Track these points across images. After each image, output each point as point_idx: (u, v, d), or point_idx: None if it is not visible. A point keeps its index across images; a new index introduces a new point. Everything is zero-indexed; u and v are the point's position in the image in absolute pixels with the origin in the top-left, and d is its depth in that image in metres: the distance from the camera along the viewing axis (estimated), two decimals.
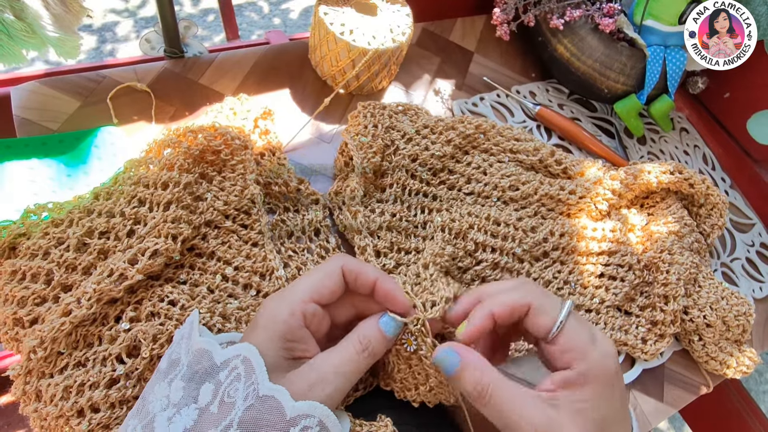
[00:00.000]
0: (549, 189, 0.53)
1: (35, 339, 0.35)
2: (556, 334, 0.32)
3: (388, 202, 0.50)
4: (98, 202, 0.42)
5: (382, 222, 0.48)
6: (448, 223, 0.48)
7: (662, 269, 0.52)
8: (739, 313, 0.52)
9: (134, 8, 1.82)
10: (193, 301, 0.40)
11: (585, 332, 0.32)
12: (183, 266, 0.43)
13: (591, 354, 0.31)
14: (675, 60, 0.62)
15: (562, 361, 0.32)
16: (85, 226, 0.40)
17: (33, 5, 0.43)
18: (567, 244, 0.51)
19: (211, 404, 0.28)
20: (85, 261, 0.39)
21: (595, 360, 0.31)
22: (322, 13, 0.55)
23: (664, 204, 0.57)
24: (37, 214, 0.41)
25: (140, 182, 0.42)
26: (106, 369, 0.36)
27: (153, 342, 0.37)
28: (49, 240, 0.39)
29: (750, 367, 0.53)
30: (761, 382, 1.53)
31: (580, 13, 0.63)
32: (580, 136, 0.64)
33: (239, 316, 0.41)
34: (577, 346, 0.32)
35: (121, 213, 0.41)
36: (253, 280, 0.44)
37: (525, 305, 0.33)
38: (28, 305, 0.37)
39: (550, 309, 0.33)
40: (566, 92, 0.70)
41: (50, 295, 0.38)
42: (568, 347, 0.32)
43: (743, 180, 0.72)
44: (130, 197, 0.42)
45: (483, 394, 0.31)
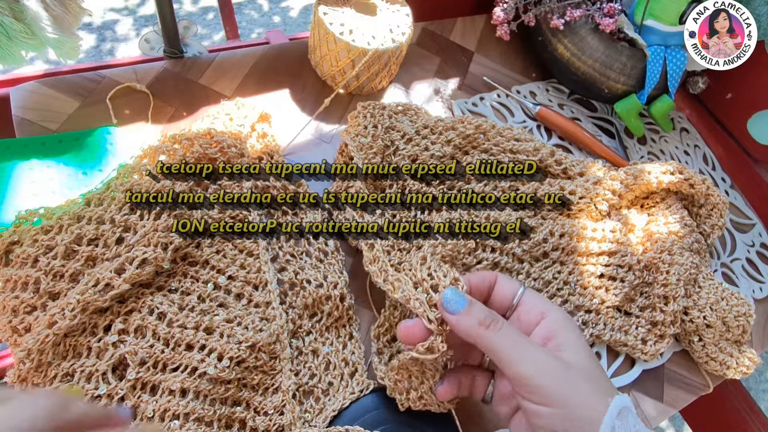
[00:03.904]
0: (549, 189, 0.53)
1: (23, 351, 0.36)
2: (522, 294, 0.37)
3: (388, 203, 0.50)
4: (89, 209, 0.42)
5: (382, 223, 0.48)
6: (447, 224, 0.48)
7: (662, 270, 0.52)
8: (739, 314, 0.52)
9: (134, 6, 1.82)
10: (180, 314, 0.40)
11: (540, 296, 0.38)
12: (175, 274, 0.43)
13: (554, 308, 0.36)
14: (675, 60, 0.62)
15: (529, 320, 0.36)
16: (74, 233, 0.40)
17: (32, 6, 0.42)
18: (567, 244, 0.51)
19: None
20: (72, 268, 0.39)
21: (558, 312, 0.36)
22: (322, 13, 0.54)
23: (664, 204, 0.57)
24: (29, 219, 0.41)
25: (132, 189, 0.42)
26: (89, 386, 0.37)
27: (140, 366, 0.37)
28: (38, 248, 0.39)
29: (750, 367, 0.53)
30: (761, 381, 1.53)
31: (580, 13, 0.62)
32: (580, 136, 0.64)
33: (223, 330, 0.41)
34: (540, 303, 0.37)
35: (111, 220, 0.41)
36: (246, 290, 0.44)
37: (493, 275, 0.39)
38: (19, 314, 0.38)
39: (510, 279, 0.39)
40: (566, 92, 0.70)
41: (38, 304, 0.38)
42: (532, 304, 0.37)
43: (743, 180, 0.72)
44: (122, 204, 0.42)
45: (495, 320, 0.34)
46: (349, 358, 0.45)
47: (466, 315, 0.34)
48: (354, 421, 0.41)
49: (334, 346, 0.45)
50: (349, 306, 0.47)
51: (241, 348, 0.40)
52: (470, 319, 0.33)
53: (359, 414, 0.42)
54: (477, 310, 0.34)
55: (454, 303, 0.34)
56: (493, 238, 0.49)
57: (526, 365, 0.32)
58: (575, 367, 0.33)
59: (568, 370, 0.32)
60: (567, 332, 0.35)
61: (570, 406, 0.31)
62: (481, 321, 0.33)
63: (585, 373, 0.33)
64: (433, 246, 0.44)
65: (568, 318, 0.36)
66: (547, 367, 0.32)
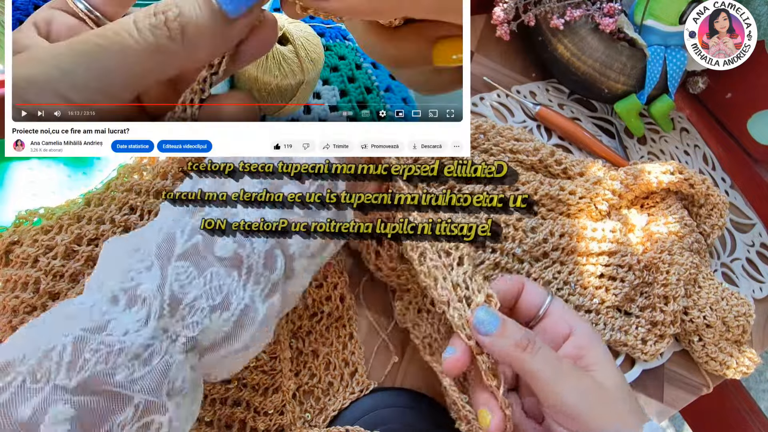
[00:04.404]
0: (549, 189, 0.53)
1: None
2: (549, 303, 0.35)
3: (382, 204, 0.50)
4: (89, 209, 0.42)
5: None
6: (430, 225, 0.48)
7: (662, 270, 0.52)
8: (739, 314, 0.52)
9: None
10: None
11: (567, 307, 0.36)
12: None
13: (581, 322, 0.35)
14: (675, 60, 0.62)
15: (556, 333, 0.35)
16: (74, 233, 0.40)
17: None
18: (567, 244, 0.51)
19: None
20: (72, 268, 0.39)
21: (586, 326, 0.34)
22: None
23: (664, 204, 0.57)
24: (29, 219, 0.41)
25: (132, 189, 0.42)
26: None
27: None
28: (38, 248, 0.39)
29: (750, 367, 0.53)
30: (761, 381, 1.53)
31: (580, 13, 0.62)
32: (580, 136, 0.64)
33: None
34: (568, 315, 0.35)
35: (111, 220, 0.41)
36: None
37: (519, 283, 0.37)
38: (19, 314, 0.38)
39: (538, 287, 0.37)
40: (566, 92, 0.70)
41: (38, 304, 0.38)
42: (560, 316, 0.35)
43: (743, 180, 0.72)
44: (122, 204, 0.41)
45: (532, 341, 0.32)
46: (349, 358, 0.45)
47: (499, 336, 0.32)
48: (354, 421, 0.41)
49: (334, 346, 0.45)
50: (349, 306, 0.47)
51: None
52: (504, 341, 0.31)
53: (359, 414, 0.42)
54: (512, 331, 0.32)
55: (487, 324, 0.32)
56: (468, 241, 0.48)
57: (567, 393, 0.30)
58: (609, 389, 0.31)
59: (603, 392, 0.31)
60: (596, 349, 0.33)
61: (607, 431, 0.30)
62: (517, 342, 0.31)
63: (618, 394, 0.32)
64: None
65: (595, 332, 0.35)
66: (586, 393, 0.31)
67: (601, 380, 0.32)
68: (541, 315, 0.36)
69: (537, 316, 0.36)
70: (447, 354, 0.33)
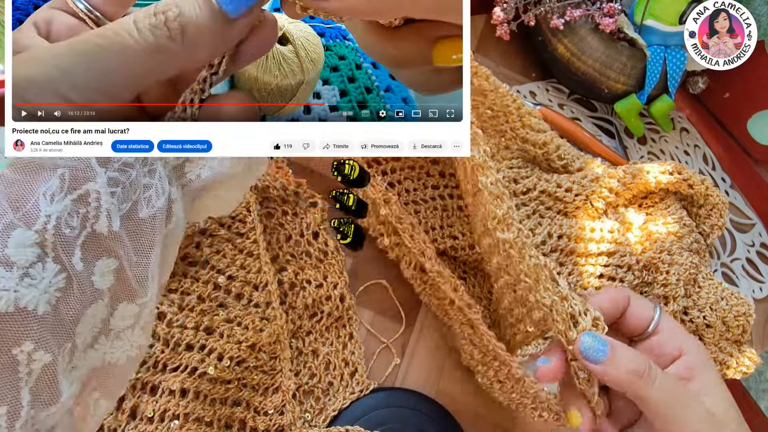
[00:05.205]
0: (547, 186, 0.53)
1: None
2: (658, 321, 0.33)
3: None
4: None
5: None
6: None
7: (662, 270, 0.52)
8: (739, 314, 0.52)
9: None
10: (180, 314, 0.40)
11: (677, 324, 0.33)
12: (175, 274, 0.43)
13: (693, 342, 0.32)
14: (675, 60, 0.62)
15: (664, 353, 0.32)
16: None
17: None
18: (566, 245, 0.51)
19: None
20: None
21: (699, 347, 0.32)
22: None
23: (663, 204, 0.57)
24: None
25: None
26: None
27: (140, 366, 0.37)
28: None
29: (750, 367, 0.53)
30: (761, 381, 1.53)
31: (580, 13, 0.63)
32: (580, 136, 0.64)
33: (223, 330, 0.41)
34: (679, 334, 0.32)
35: None
36: (245, 290, 0.44)
37: (625, 299, 0.34)
38: None
39: (645, 300, 0.34)
40: (566, 92, 0.70)
41: None
42: (670, 335, 0.32)
43: (743, 180, 0.72)
44: None
45: (650, 372, 0.29)
46: (349, 358, 0.45)
47: (611, 365, 0.29)
48: (354, 421, 0.42)
49: (334, 346, 0.45)
50: (349, 306, 0.47)
51: (241, 348, 0.40)
52: (617, 370, 0.29)
53: (359, 414, 0.42)
54: (625, 359, 0.30)
55: (594, 351, 0.30)
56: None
57: (690, 425, 0.29)
58: (720, 417, 0.30)
59: (715, 421, 0.30)
60: (707, 373, 0.31)
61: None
62: (633, 371, 0.29)
63: (727, 422, 0.30)
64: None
65: (706, 352, 0.32)
66: (704, 423, 0.29)
67: (710, 406, 0.30)
68: (650, 332, 0.33)
69: (644, 333, 0.33)
70: (540, 363, 0.32)
